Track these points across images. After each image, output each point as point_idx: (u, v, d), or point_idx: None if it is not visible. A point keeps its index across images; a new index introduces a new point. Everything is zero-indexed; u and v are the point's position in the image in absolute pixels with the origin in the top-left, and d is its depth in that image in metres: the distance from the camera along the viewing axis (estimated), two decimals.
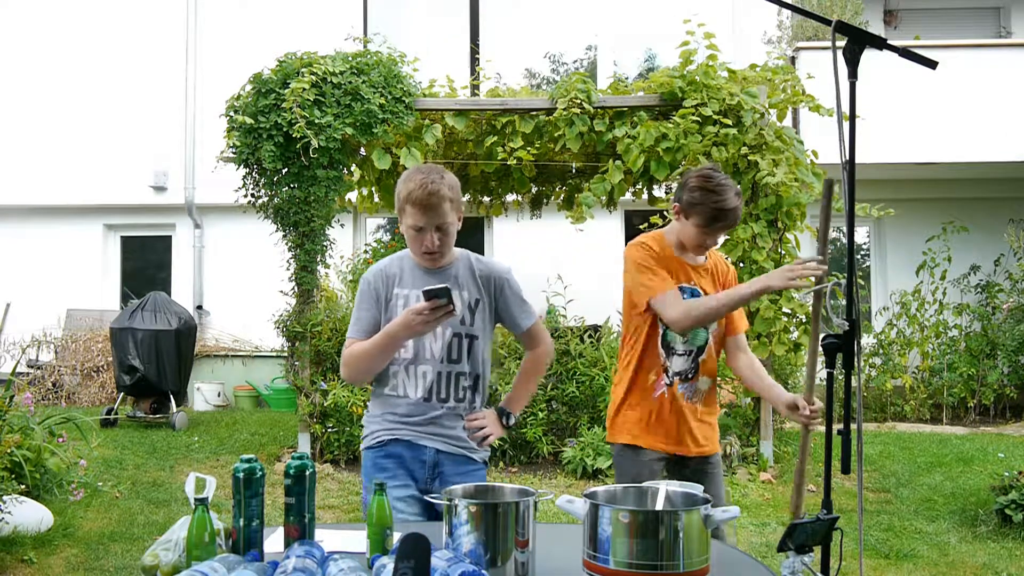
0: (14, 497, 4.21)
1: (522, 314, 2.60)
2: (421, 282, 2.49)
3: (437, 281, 2.48)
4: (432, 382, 2.48)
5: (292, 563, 1.60)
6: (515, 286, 2.61)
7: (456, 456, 2.50)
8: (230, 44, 10.09)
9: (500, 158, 6.59)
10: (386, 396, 2.52)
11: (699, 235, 2.79)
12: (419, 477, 2.48)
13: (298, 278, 6.64)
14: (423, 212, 2.40)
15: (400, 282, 2.51)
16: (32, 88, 10.44)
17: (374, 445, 2.52)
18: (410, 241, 2.49)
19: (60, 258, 10.47)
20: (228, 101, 6.54)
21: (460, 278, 2.53)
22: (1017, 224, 9.58)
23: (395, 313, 2.47)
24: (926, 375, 8.56)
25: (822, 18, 2.13)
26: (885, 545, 4.67)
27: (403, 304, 2.48)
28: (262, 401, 9.60)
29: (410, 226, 2.44)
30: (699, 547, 1.64)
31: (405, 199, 2.42)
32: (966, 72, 8.83)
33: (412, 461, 2.48)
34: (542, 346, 2.68)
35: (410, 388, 2.48)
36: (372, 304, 2.51)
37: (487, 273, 2.58)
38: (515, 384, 2.71)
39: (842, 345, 2.00)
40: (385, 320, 2.49)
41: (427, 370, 2.48)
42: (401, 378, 2.49)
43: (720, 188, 2.72)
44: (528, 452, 6.61)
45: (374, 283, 2.52)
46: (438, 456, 2.48)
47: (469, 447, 2.52)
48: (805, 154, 6.38)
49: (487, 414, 2.56)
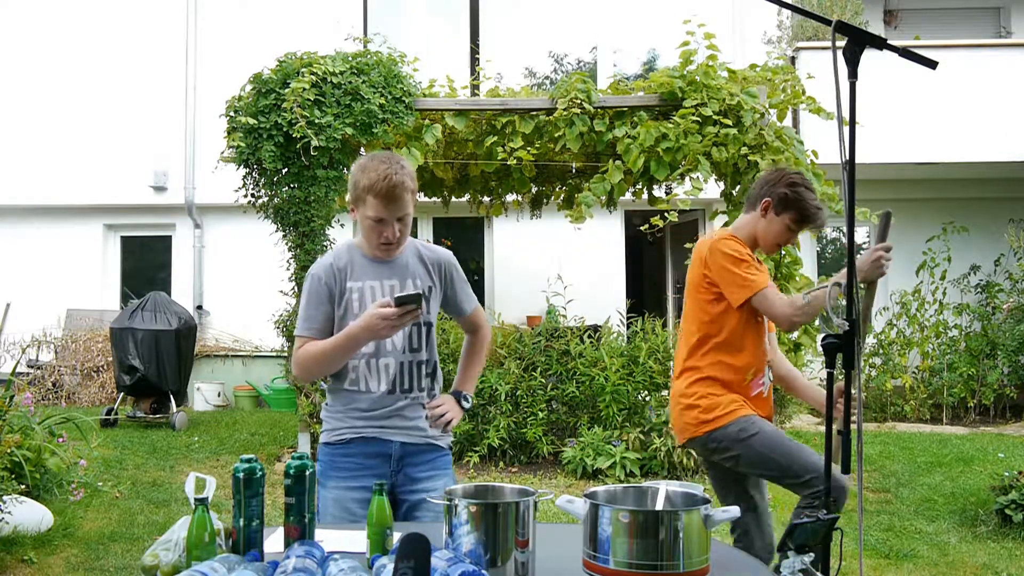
0: (14, 497, 4.21)
1: (466, 299, 2.61)
2: (373, 274, 2.46)
3: (390, 272, 2.47)
4: (395, 374, 2.44)
5: (292, 563, 1.60)
6: (460, 272, 2.61)
7: (421, 446, 2.48)
8: (230, 44, 10.09)
9: (500, 158, 6.59)
10: (346, 391, 2.47)
11: (786, 232, 2.84)
12: (382, 472, 2.42)
13: (298, 278, 6.64)
14: (386, 204, 2.35)
15: (352, 275, 2.46)
16: (32, 88, 10.44)
17: (334, 441, 2.47)
18: (367, 232, 2.43)
19: (60, 258, 10.47)
20: (228, 101, 6.54)
21: (411, 267, 2.50)
22: (1017, 224, 9.58)
23: (351, 307, 2.43)
24: (926, 375, 8.56)
25: (822, 18, 2.13)
26: (885, 545, 4.67)
27: (358, 298, 2.43)
28: (262, 401, 9.60)
29: (369, 217, 2.38)
30: (699, 547, 1.64)
31: (366, 189, 2.35)
32: (966, 72, 8.83)
33: (374, 457, 2.44)
34: (483, 328, 2.70)
35: (372, 382, 2.44)
36: (324, 300, 2.45)
37: (436, 260, 2.55)
38: (463, 366, 2.70)
39: (842, 345, 2.00)
40: (339, 315, 2.44)
41: (389, 362, 2.44)
42: (362, 372, 2.44)
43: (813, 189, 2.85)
44: (528, 452, 6.61)
45: (325, 279, 2.46)
46: (404, 449, 2.45)
47: (433, 435, 2.50)
48: (805, 154, 6.38)
49: (445, 399, 2.54)
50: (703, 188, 6.40)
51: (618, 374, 6.48)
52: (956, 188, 10.06)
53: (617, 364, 6.53)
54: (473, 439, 6.52)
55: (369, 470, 2.42)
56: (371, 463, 2.44)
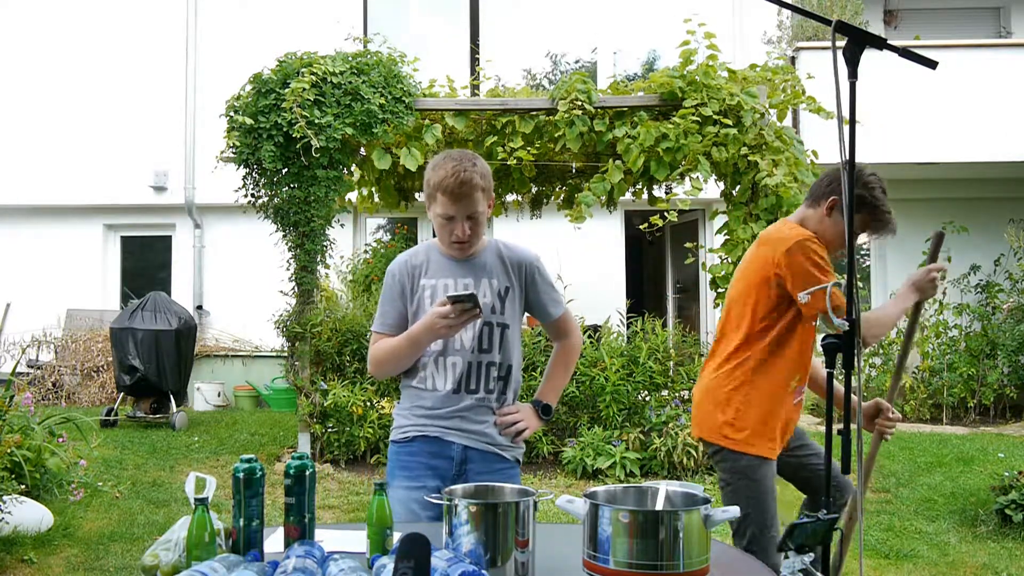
0: (14, 497, 4.21)
1: (552, 303, 2.50)
2: (448, 272, 2.42)
3: (465, 271, 2.42)
4: (462, 373, 2.38)
5: (292, 563, 1.60)
6: (545, 274, 2.51)
7: (485, 453, 2.40)
8: (230, 44, 10.09)
9: (500, 158, 6.59)
10: (414, 388, 2.44)
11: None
12: (445, 475, 2.37)
13: (298, 278, 6.64)
14: (454, 201, 2.31)
15: (427, 272, 2.43)
16: (32, 88, 10.44)
17: (400, 439, 2.44)
18: (439, 229, 2.40)
19: (60, 258, 10.47)
20: (228, 101, 6.54)
21: (489, 266, 2.44)
22: (1017, 224, 9.58)
23: (423, 304, 2.40)
24: (926, 375, 8.56)
25: (822, 18, 2.13)
26: (885, 545, 4.67)
27: (430, 295, 2.40)
28: (262, 401, 9.60)
29: (439, 215, 2.35)
30: (699, 547, 1.64)
31: (436, 186, 2.32)
32: (966, 72, 8.83)
33: (437, 458, 2.38)
34: (572, 336, 2.57)
35: (439, 380, 2.40)
36: (397, 297, 2.44)
37: (517, 260, 2.47)
38: (547, 375, 2.59)
39: (842, 345, 2.00)
40: (412, 311, 2.42)
41: (457, 361, 2.39)
42: (430, 370, 2.40)
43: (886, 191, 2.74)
44: (528, 452, 6.61)
45: (399, 275, 2.44)
46: (466, 453, 2.38)
47: (499, 444, 2.41)
48: (805, 154, 6.38)
49: (521, 407, 2.45)
50: (703, 188, 6.41)
51: (618, 374, 6.48)
52: (956, 188, 10.06)
53: (617, 364, 6.52)
54: None
55: (433, 471, 2.37)
56: (436, 463, 2.38)
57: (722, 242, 6.48)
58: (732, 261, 6.38)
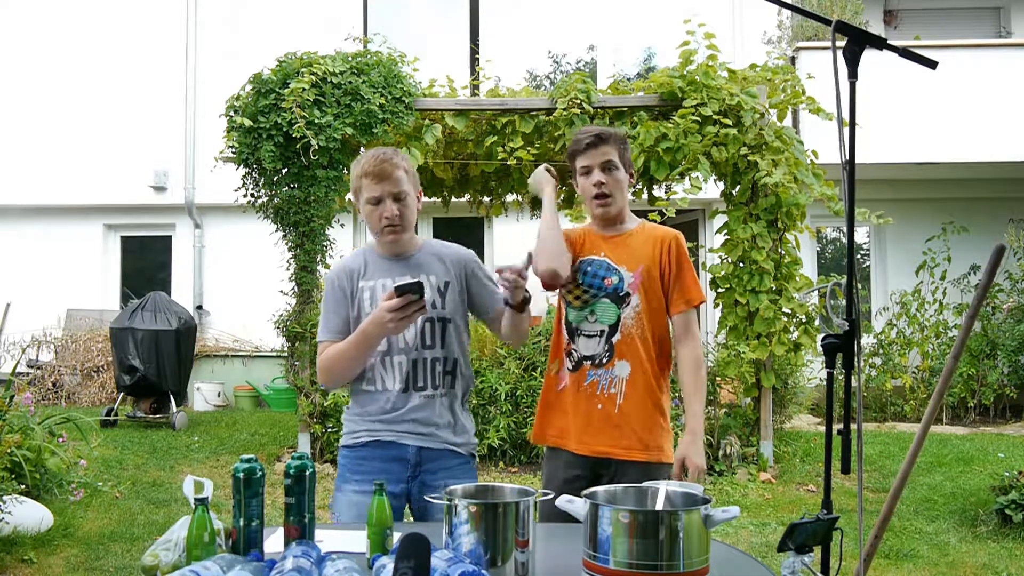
0: (14, 497, 4.21)
1: (492, 296, 2.52)
2: (386, 271, 2.44)
3: (402, 269, 2.43)
4: (408, 371, 2.40)
5: (289, 563, 1.60)
6: (484, 268, 2.56)
7: (440, 451, 2.42)
8: (230, 44, 10.09)
9: (500, 158, 6.59)
10: (363, 392, 2.46)
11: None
12: (400, 478, 2.39)
13: (298, 278, 6.64)
14: (378, 181, 2.38)
15: (364, 275, 2.46)
16: (32, 88, 10.44)
17: (352, 444, 2.45)
18: (370, 219, 2.44)
19: (60, 258, 10.47)
20: (228, 101, 6.54)
21: (426, 263, 2.47)
22: (1017, 224, 9.58)
23: (363, 306, 2.42)
24: (926, 375, 8.56)
25: (822, 18, 2.13)
26: (885, 545, 4.67)
27: (369, 296, 2.42)
28: (262, 401, 9.60)
29: (367, 200, 2.41)
30: (699, 547, 1.64)
31: (360, 175, 2.42)
32: (966, 72, 8.83)
33: (391, 461, 2.40)
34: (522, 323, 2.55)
35: (388, 379, 2.42)
36: (339, 303, 2.46)
37: (454, 256, 2.52)
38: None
39: (842, 345, 2.00)
40: (354, 316, 2.43)
41: (402, 359, 2.41)
42: (378, 371, 2.43)
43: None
44: (528, 452, 6.61)
45: (338, 281, 2.47)
46: (420, 454, 2.40)
47: (452, 441, 2.44)
48: (805, 154, 6.38)
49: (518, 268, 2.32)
50: (702, 188, 6.40)
51: None
52: (956, 188, 10.06)
53: None
54: None
55: (386, 474, 2.35)
56: (390, 466, 2.39)
57: (722, 242, 6.48)
58: (732, 261, 6.38)
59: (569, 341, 2.59)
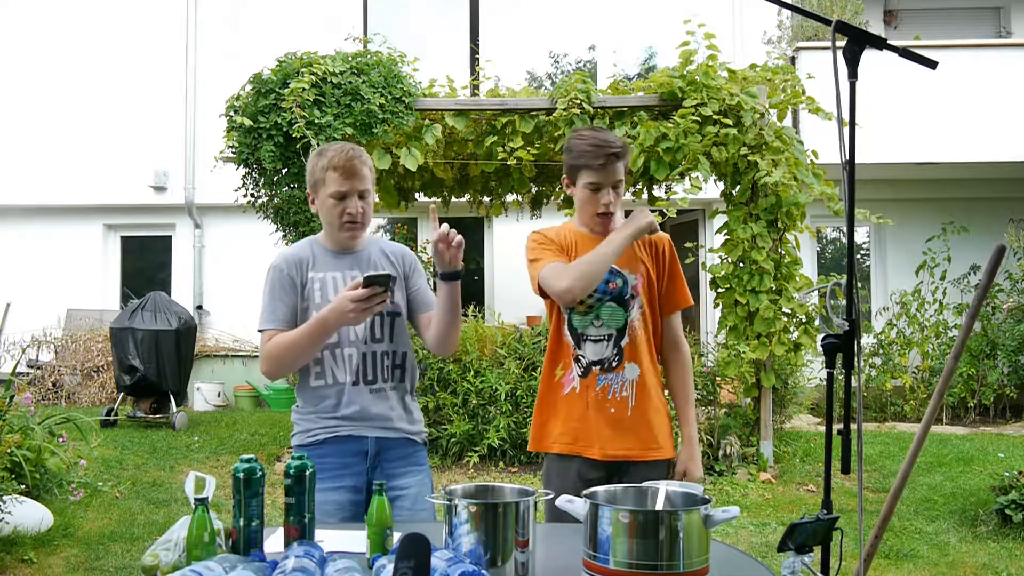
0: (14, 497, 4.21)
1: (425, 295, 2.54)
2: (335, 265, 2.46)
3: (351, 263, 2.46)
4: (358, 364, 2.40)
5: (291, 563, 1.60)
6: (421, 268, 2.61)
7: (397, 440, 2.44)
8: (230, 44, 10.09)
9: (500, 158, 6.59)
10: (313, 388, 2.43)
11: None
12: (359, 471, 2.40)
13: None
14: (347, 177, 2.38)
15: (313, 266, 2.45)
16: (32, 88, 10.44)
17: (308, 443, 2.42)
18: (330, 212, 2.42)
19: (60, 258, 10.48)
20: (228, 101, 6.54)
21: (373, 259, 2.50)
22: (1017, 224, 9.58)
23: (312, 297, 2.41)
24: (926, 375, 8.56)
25: (822, 18, 2.13)
26: (885, 545, 4.67)
27: (319, 288, 2.42)
28: (262, 401, 9.60)
29: (332, 194, 2.40)
30: (699, 547, 1.64)
31: (326, 167, 2.39)
32: (966, 72, 8.83)
33: (350, 455, 2.40)
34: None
35: (338, 372, 2.41)
36: (287, 291, 2.43)
37: (399, 253, 2.56)
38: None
39: (842, 345, 2.00)
40: (302, 307, 2.42)
41: (352, 352, 2.41)
42: (328, 364, 2.41)
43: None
44: (528, 452, 6.61)
45: (287, 269, 2.44)
46: (379, 444, 2.42)
47: (406, 429, 2.46)
48: (805, 154, 6.38)
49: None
50: (702, 188, 6.40)
51: None
52: (956, 188, 10.06)
53: None
54: (473, 439, 6.52)
55: (347, 469, 2.39)
56: (349, 460, 2.40)
57: (722, 242, 6.48)
58: (732, 261, 6.38)
59: (575, 347, 2.57)
